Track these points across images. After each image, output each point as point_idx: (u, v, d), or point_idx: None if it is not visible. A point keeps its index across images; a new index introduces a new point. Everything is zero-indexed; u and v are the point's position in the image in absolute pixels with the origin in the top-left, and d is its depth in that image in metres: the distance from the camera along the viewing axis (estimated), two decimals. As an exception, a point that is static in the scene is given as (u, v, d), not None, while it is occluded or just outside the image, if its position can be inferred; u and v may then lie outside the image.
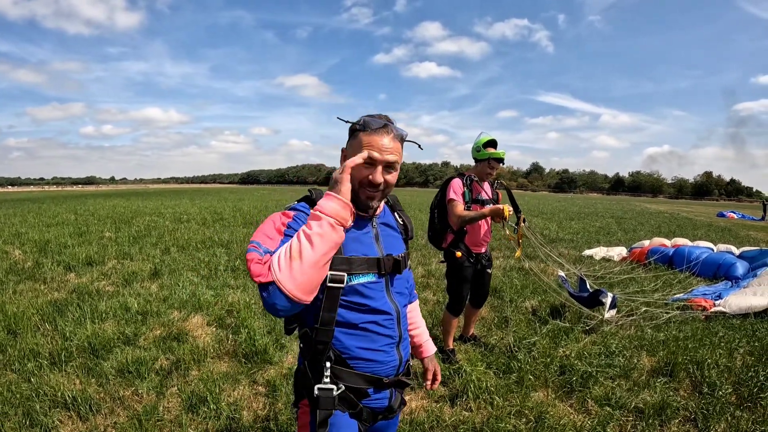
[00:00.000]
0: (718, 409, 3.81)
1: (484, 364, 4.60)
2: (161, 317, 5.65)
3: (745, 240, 15.99)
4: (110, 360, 4.46)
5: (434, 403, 3.94)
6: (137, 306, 5.97)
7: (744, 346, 5.15)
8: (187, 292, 6.70)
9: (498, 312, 6.33)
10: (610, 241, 14.22)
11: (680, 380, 4.40)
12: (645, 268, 9.72)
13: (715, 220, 30.25)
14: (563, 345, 5.12)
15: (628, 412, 3.79)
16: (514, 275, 8.54)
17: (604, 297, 5.82)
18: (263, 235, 1.61)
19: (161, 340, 4.98)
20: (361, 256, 1.72)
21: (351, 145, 1.75)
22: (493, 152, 4.50)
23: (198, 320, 5.60)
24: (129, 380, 4.11)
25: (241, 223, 16.57)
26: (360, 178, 1.68)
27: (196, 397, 3.81)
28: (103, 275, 7.87)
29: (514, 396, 3.99)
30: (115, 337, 4.96)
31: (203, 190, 78.81)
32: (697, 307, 6.48)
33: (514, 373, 4.39)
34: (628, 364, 4.64)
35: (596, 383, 4.23)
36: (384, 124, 1.70)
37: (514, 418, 3.64)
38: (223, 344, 4.92)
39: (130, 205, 25.31)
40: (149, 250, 10.20)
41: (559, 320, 5.88)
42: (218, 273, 8.14)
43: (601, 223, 21.72)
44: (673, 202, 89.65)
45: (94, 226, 14.15)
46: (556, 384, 4.27)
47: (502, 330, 5.49)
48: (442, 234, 4.62)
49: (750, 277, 7.91)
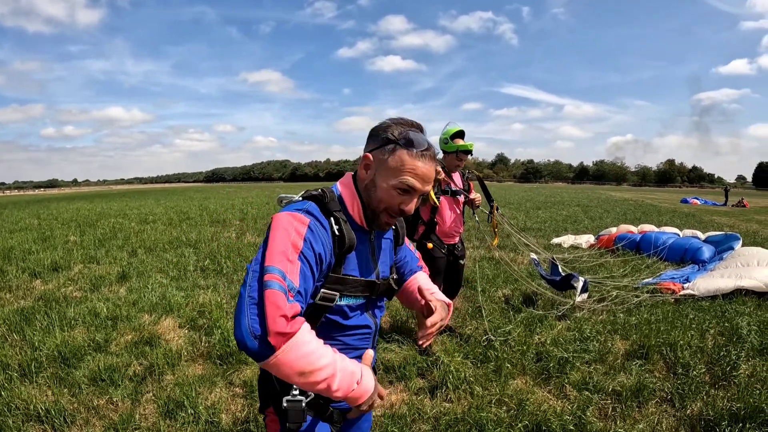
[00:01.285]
0: (694, 389, 3.89)
1: (461, 354, 4.61)
2: (132, 321, 5.53)
3: (709, 225, 16.37)
4: (82, 368, 4.34)
5: (414, 395, 3.95)
6: (106, 311, 5.83)
7: (714, 327, 5.27)
8: (157, 294, 6.58)
9: (471, 302, 6.35)
10: (577, 229, 14.43)
11: (654, 362, 4.48)
12: (613, 255, 9.87)
13: (679, 206, 30.93)
14: (538, 332, 5.17)
15: (606, 396, 3.84)
16: (485, 265, 8.59)
17: (575, 281, 5.90)
18: (282, 255, 1.36)
19: (133, 345, 4.86)
20: (357, 278, 1.59)
21: (386, 162, 1.52)
22: (461, 144, 4.51)
23: (169, 323, 5.49)
24: (102, 388, 4.00)
25: (208, 221, 16.38)
26: (389, 203, 1.54)
27: (173, 402, 3.73)
28: (70, 280, 7.68)
29: (493, 385, 4.02)
30: (86, 344, 4.83)
31: (168, 189, 77.59)
32: (666, 290, 6.61)
33: (491, 362, 4.42)
34: (602, 348, 4.71)
35: (573, 368, 4.28)
36: (429, 145, 1.53)
37: (495, 407, 3.66)
38: (197, 346, 4.84)
39: (94, 207, 24.84)
40: (116, 253, 9.99)
41: (533, 308, 5.93)
42: (187, 273, 8.03)
43: (567, 211, 22.03)
44: (638, 190, 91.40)
45: (59, 230, 13.82)
46: (533, 371, 4.31)
47: (476, 320, 5.51)
48: (413, 225, 4.62)
49: (716, 261, 8.09)
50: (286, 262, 1.34)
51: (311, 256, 1.40)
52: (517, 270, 7.09)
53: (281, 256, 1.35)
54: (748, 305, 6.01)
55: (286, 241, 1.39)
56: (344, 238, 1.49)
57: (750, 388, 3.84)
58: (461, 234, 4.88)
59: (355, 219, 1.61)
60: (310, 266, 1.40)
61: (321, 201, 1.54)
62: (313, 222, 1.46)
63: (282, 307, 1.25)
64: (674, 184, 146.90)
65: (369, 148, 1.57)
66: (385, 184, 1.52)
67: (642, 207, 26.82)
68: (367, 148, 1.58)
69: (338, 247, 1.50)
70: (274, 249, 1.37)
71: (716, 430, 3.34)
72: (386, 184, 1.52)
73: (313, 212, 1.49)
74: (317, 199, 1.55)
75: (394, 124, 1.55)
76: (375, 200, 1.55)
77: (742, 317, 5.47)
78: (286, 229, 1.41)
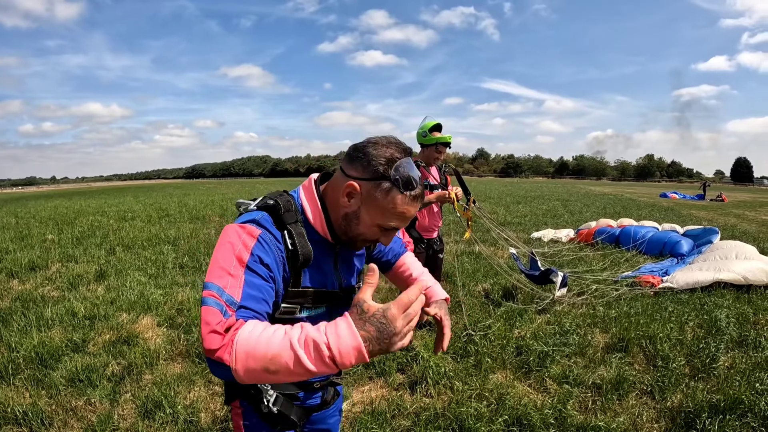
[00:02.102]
0: (673, 381, 3.95)
1: (442, 349, 4.59)
2: (110, 321, 5.46)
3: (688, 218, 16.60)
4: (59, 369, 4.28)
5: (394, 391, 3.94)
6: (84, 310, 5.76)
7: (693, 320, 5.34)
8: (135, 292, 6.51)
9: (451, 296, 6.32)
10: (557, 224, 14.52)
11: (634, 355, 4.53)
12: (593, 248, 9.94)
13: (658, 200, 31.28)
14: (518, 326, 5.19)
15: (587, 389, 3.88)
16: (465, 259, 8.61)
17: (554, 276, 5.93)
18: (221, 270, 1.28)
19: (111, 345, 4.81)
20: (319, 289, 1.52)
21: (376, 199, 1.38)
22: (439, 137, 4.51)
23: (148, 321, 5.43)
24: (80, 389, 3.95)
25: (188, 218, 16.25)
26: (368, 237, 1.46)
27: (151, 402, 3.69)
28: (48, 280, 7.56)
29: (473, 379, 4.02)
30: (63, 344, 4.77)
31: (147, 186, 76.86)
32: (646, 284, 6.68)
33: (471, 357, 4.43)
34: (582, 341, 4.75)
35: (553, 362, 4.31)
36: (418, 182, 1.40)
37: (475, 401, 3.66)
38: (176, 345, 4.79)
39: (72, 205, 24.46)
40: (94, 251, 9.85)
41: (512, 302, 5.96)
42: (166, 271, 7.95)
43: (547, 206, 22.19)
44: (617, 184, 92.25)
45: (36, 229, 13.60)
46: (513, 365, 4.34)
47: (456, 314, 5.51)
48: None
49: (695, 254, 8.19)
50: (227, 277, 1.27)
51: (260, 268, 1.32)
52: (497, 263, 7.09)
53: (221, 271, 1.28)
54: (726, 298, 6.11)
55: (230, 255, 1.31)
56: (297, 252, 1.41)
57: (729, 379, 3.92)
58: (440, 228, 4.87)
59: (318, 231, 1.51)
60: (261, 276, 1.32)
61: (276, 212, 1.45)
62: (263, 234, 1.37)
63: (211, 323, 1.17)
64: (653, 179, 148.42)
65: (356, 176, 1.40)
66: (370, 220, 1.42)
67: (621, 201, 27.10)
68: (352, 173, 1.41)
69: (292, 261, 1.42)
70: (215, 264, 1.31)
71: (696, 421, 3.38)
72: (371, 221, 1.42)
73: (265, 224, 1.40)
74: (272, 210, 1.45)
75: (384, 147, 1.40)
76: (353, 231, 1.46)
77: (720, 310, 5.55)
78: (232, 243, 1.34)
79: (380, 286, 6.93)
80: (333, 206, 1.49)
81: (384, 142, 1.41)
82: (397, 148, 1.40)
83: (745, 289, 6.45)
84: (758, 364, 4.21)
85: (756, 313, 5.57)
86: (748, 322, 5.28)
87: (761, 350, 4.52)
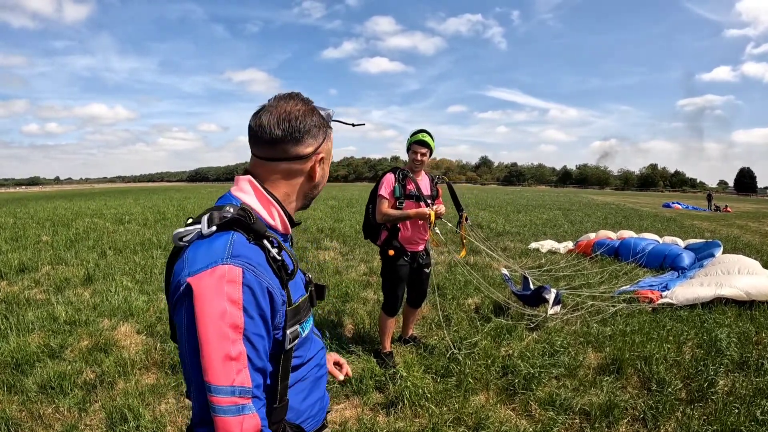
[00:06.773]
0: (668, 407, 3.75)
1: (423, 367, 4.46)
2: (90, 327, 5.34)
3: (690, 230, 16.36)
4: (33, 375, 4.20)
5: (369, 411, 3.79)
6: (65, 315, 5.63)
7: (692, 339, 5.16)
8: (120, 298, 6.37)
9: (440, 310, 6.15)
10: (557, 234, 14.26)
11: (628, 377, 4.34)
12: (591, 261, 9.75)
13: (661, 210, 31.01)
14: (506, 344, 5.02)
15: (574, 414, 3.69)
16: (458, 271, 8.42)
17: (547, 293, 5.75)
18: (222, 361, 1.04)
19: (88, 352, 4.69)
20: (303, 296, 1.32)
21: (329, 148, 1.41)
22: (415, 137, 4.35)
23: (127, 329, 5.30)
24: (51, 396, 3.87)
25: (184, 222, 15.98)
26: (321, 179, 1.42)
27: (118, 413, 3.57)
28: (36, 282, 7.45)
29: (453, 401, 3.85)
30: (39, 350, 4.66)
31: (149, 189, 76.67)
32: (644, 299, 6.49)
33: (453, 377, 4.26)
34: (573, 362, 4.57)
35: (540, 384, 4.13)
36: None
37: (452, 427, 3.50)
38: (151, 354, 4.66)
39: (72, 206, 24.31)
40: (85, 254, 9.71)
41: (503, 317, 5.77)
42: (154, 276, 7.80)
43: (548, 215, 21.93)
44: (620, 194, 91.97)
45: (32, 230, 13.43)
46: (497, 386, 4.16)
47: (442, 329, 5.32)
48: (377, 230, 4.48)
49: (696, 268, 8.00)
50: (230, 364, 1.05)
51: (258, 326, 1.11)
52: (486, 285, 6.92)
53: (221, 362, 1.04)
54: (728, 315, 5.91)
55: (221, 328, 1.05)
56: (285, 262, 1.22)
57: (728, 406, 3.73)
58: (427, 242, 4.69)
59: (279, 230, 1.35)
60: (261, 336, 1.12)
61: (246, 224, 1.19)
62: (246, 271, 1.10)
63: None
64: (656, 189, 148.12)
65: (316, 144, 1.33)
66: (326, 169, 1.43)
67: (623, 211, 26.85)
68: (307, 149, 1.31)
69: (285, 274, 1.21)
70: (211, 353, 1.03)
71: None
72: (326, 169, 1.43)
73: (241, 252, 1.13)
74: (241, 223, 1.18)
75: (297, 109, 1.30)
76: (316, 191, 1.43)
77: (721, 328, 5.33)
78: (215, 308, 1.05)
79: (367, 298, 6.77)
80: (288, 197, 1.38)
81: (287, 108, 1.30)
82: (296, 101, 1.33)
83: (747, 306, 6.25)
84: (760, 390, 4.00)
85: (758, 332, 5.37)
86: (749, 341, 5.07)
87: (763, 374, 4.31)
